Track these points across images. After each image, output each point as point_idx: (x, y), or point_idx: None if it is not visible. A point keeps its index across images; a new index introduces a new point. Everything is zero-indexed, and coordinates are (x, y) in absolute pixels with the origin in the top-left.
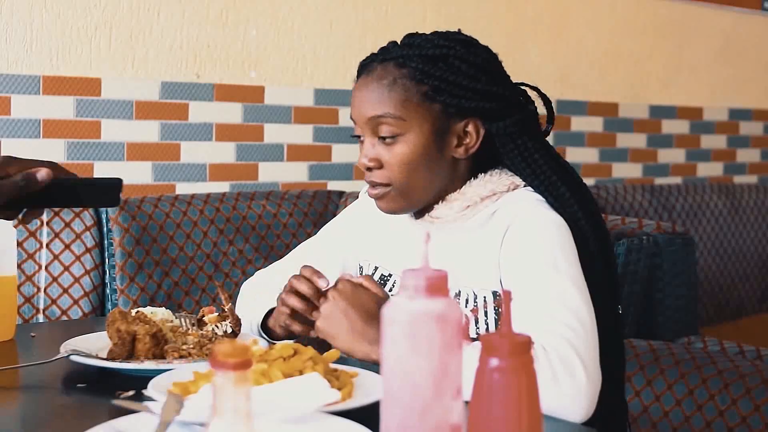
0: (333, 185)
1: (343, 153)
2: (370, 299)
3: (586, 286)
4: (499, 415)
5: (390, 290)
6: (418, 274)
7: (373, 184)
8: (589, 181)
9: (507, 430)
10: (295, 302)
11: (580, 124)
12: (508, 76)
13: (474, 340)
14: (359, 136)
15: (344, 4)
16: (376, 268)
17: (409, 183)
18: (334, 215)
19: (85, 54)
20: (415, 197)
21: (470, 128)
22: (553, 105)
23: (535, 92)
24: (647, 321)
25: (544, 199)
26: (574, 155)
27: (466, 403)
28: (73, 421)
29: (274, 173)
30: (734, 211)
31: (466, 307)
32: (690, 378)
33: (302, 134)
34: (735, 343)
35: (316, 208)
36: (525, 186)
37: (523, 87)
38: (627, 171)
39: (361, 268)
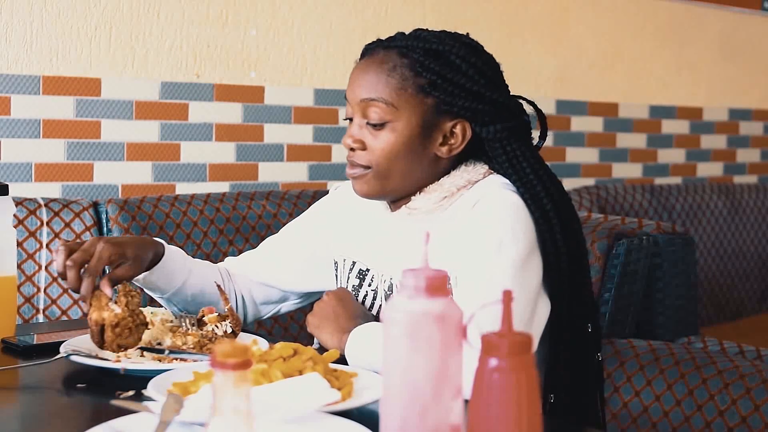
0: (333, 185)
1: (343, 153)
2: (358, 307)
3: (538, 266)
4: (498, 414)
5: (369, 284)
6: (418, 274)
7: (353, 165)
8: (588, 181)
9: (506, 430)
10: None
11: (580, 124)
12: (507, 86)
13: None
14: (351, 119)
15: (344, 4)
16: (353, 263)
17: (388, 170)
18: None
19: (85, 54)
20: (391, 185)
21: (458, 129)
22: (553, 105)
23: (531, 106)
24: (647, 321)
25: (510, 182)
26: (574, 155)
27: (466, 402)
28: (73, 421)
29: (274, 173)
30: (734, 211)
31: None
32: (690, 378)
33: (302, 134)
34: (735, 343)
35: None
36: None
37: (520, 100)
38: (627, 171)
39: (336, 264)
